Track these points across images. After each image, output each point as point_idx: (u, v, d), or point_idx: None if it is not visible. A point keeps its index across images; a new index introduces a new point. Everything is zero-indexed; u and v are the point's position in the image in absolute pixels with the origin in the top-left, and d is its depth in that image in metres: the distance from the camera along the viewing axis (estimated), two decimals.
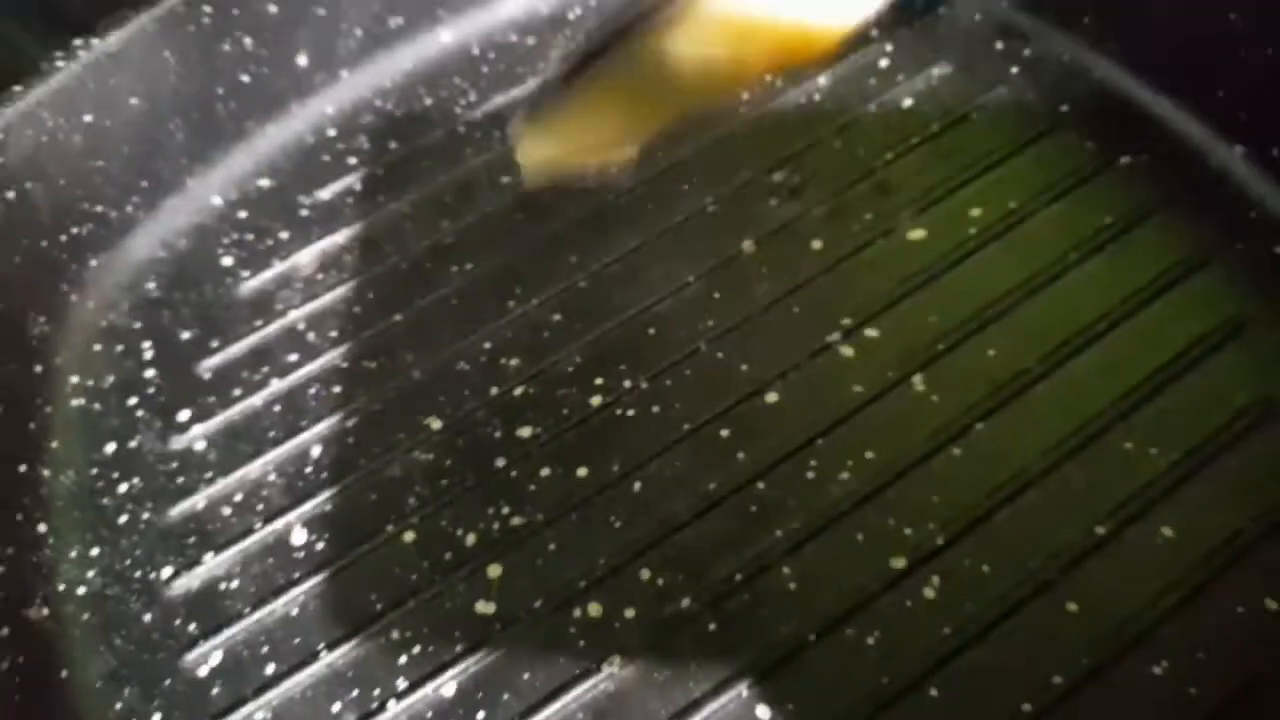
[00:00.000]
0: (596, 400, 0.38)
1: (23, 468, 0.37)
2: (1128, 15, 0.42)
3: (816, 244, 0.40)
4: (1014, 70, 0.44)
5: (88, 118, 0.40)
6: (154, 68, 0.41)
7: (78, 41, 0.40)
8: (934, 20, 0.46)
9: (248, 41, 0.43)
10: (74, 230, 0.41)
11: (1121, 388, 0.36)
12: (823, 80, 0.45)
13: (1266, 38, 0.38)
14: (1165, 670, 0.31)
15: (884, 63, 0.45)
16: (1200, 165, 0.40)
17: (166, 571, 0.36)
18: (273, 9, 0.43)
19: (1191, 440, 0.35)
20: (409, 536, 0.36)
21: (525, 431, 0.37)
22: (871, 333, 0.38)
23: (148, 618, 0.35)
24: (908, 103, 0.44)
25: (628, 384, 0.38)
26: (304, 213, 0.44)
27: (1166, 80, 0.41)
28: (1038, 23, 0.45)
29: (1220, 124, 0.40)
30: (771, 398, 0.37)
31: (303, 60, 0.45)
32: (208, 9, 0.42)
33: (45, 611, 0.35)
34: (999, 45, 0.45)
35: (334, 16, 0.45)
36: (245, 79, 0.44)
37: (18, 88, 0.39)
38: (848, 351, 0.38)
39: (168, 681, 0.34)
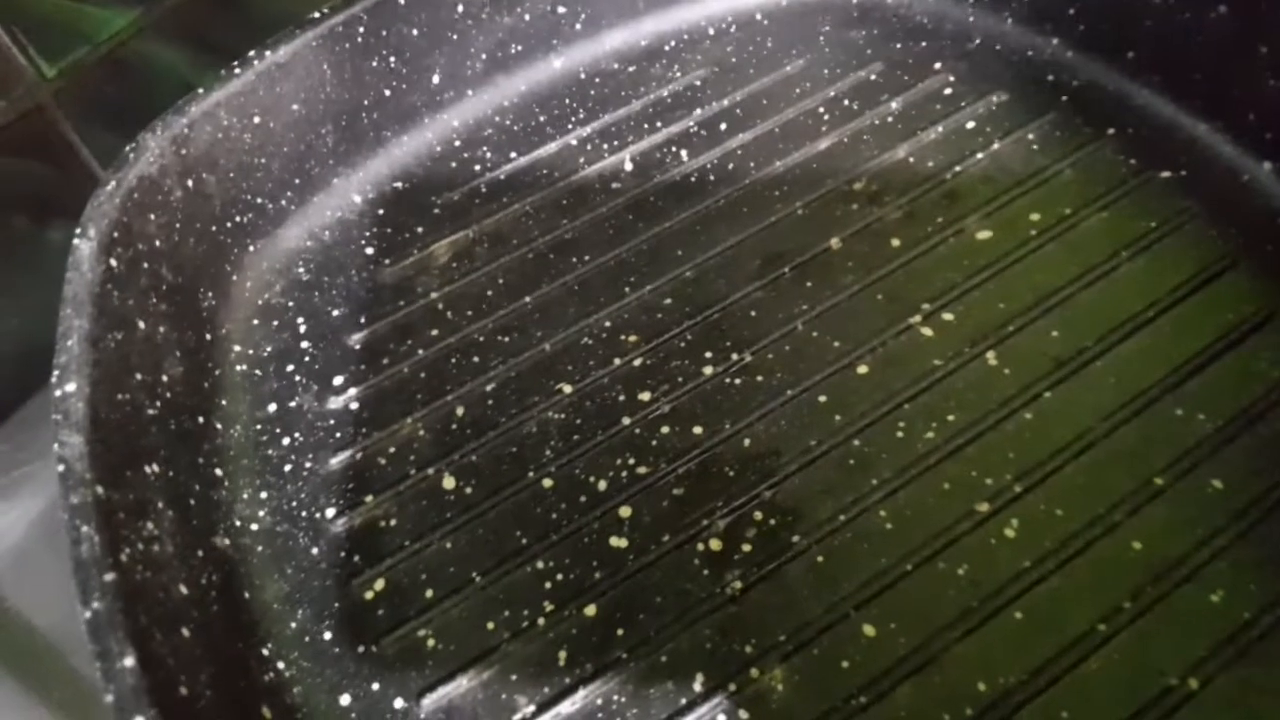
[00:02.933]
0: (708, 370, 0.41)
1: (200, 419, 0.40)
2: (1167, 50, 0.46)
3: (895, 241, 0.44)
4: (1064, 99, 0.48)
5: (256, 119, 0.44)
6: (313, 79, 0.45)
7: (252, 52, 0.43)
8: (991, 55, 0.50)
9: (392, 60, 0.47)
10: (237, 218, 0.45)
11: (1170, 364, 0.40)
12: (894, 105, 0.49)
13: None
14: (1221, 599, 0.35)
15: (948, 91, 0.49)
16: (1232, 179, 0.44)
17: (330, 512, 0.39)
18: (414, 33, 0.47)
19: (1233, 408, 0.39)
20: (547, 482, 0.39)
21: (645, 396, 0.41)
22: (947, 316, 0.42)
23: (315, 551, 0.38)
24: (970, 125, 0.48)
25: (734, 357, 0.42)
26: (436, 211, 0.47)
27: (1202, 105, 0.46)
28: (1085, 58, 0.49)
29: (1250, 143, 0.44)
30: (862, 369, 0.41)
31: (435, 79, 0.49)
32: (361, 30, 0.45)
33: (227, 541, 0.38)
34: (1050, 77, 0.49)
35: (464, 43, 0.49)
36: (387, 93, 0.48)
37: (200, 90, 0.42)
38: (927, 331, 0.41)
39: (336, 604, 0.37)
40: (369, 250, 0.46)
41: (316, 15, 0.45)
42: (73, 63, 0.49)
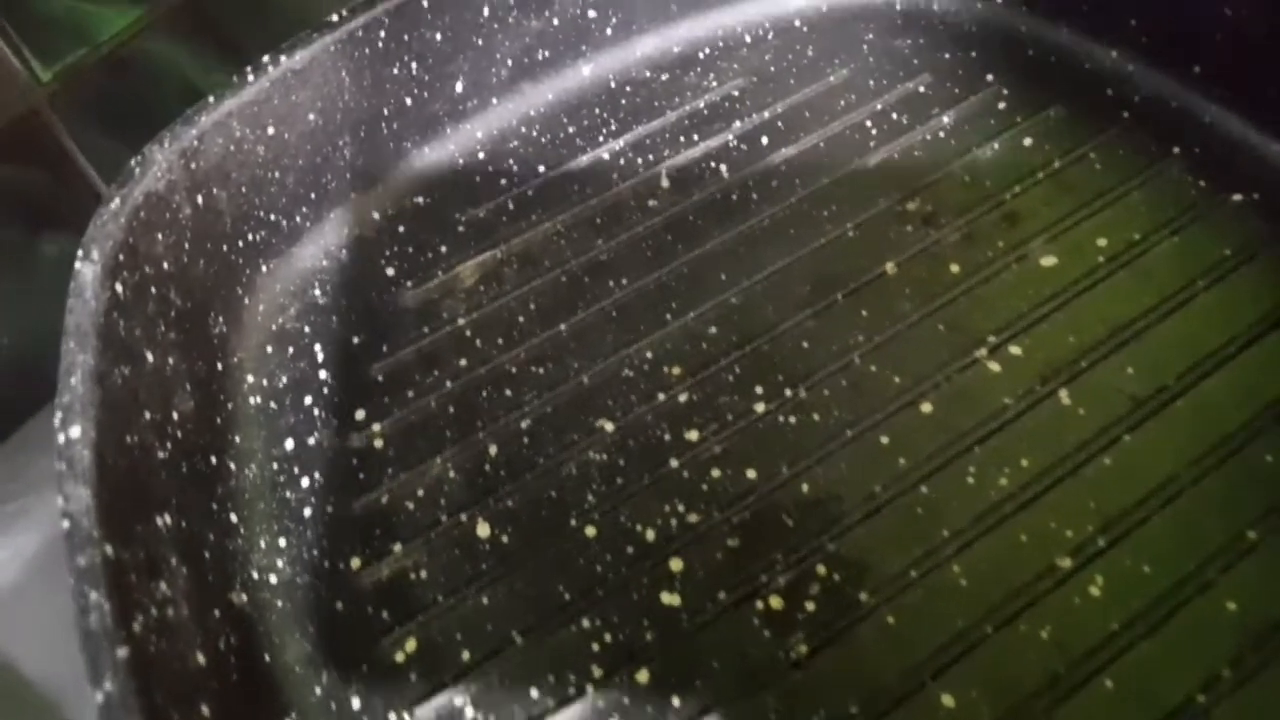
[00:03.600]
0: (760, 407, 0.38)
1: (213, 459, 0.37)
2: (1239, 65, 0.42)
3: (954, 268, 0.41)
4: (1125, 114, 0.45)
5: (270, 130, 0.40)
6: (330, 86, 0.41)
7: (266, 58, 0.39)
8: (1046, 67, 0.47)
9: (413, 66, 0.43)
10: (250, 236, 0.41)
11: (1256, 405, 0.37)
12: (946, 119, 0.45)
13: None
14: None
15: (1001, 105, 0.46)
16: None
17: (355, 562, 0.35)
18: (438, 38, 0.43)
19: None
20: (590, 531, 0.35)
21: (693, 435, 0.37)
22: (1015, 349, 0.38)
23: (339, 606, 0.35)
24: (1028, 141, 0.44)
25: (788, 393, 0.38)
26: (460, 229, 0.44)
27: (1275, 125, 0.42)
28: (1147, 71, 0.45)
29: None
30: (926, 408, 0.37)
31: (459, 86, 0.45)
32: (382, 34, 0.41)
33: (244, 597, 0.34)
34: (1109, 91, 0.46)
35: (489, 48, 0.45)
36: (408, 101, 0.44)
37: (211, 99, 0.38)
38: (994, 366, 0.38)
39: (364, 667, 0.33)
40: (389, 271, 0.42)
41: (335, 18, 0.40)
42: (70, 65, 0.44)
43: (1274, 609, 0.33)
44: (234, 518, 0.36)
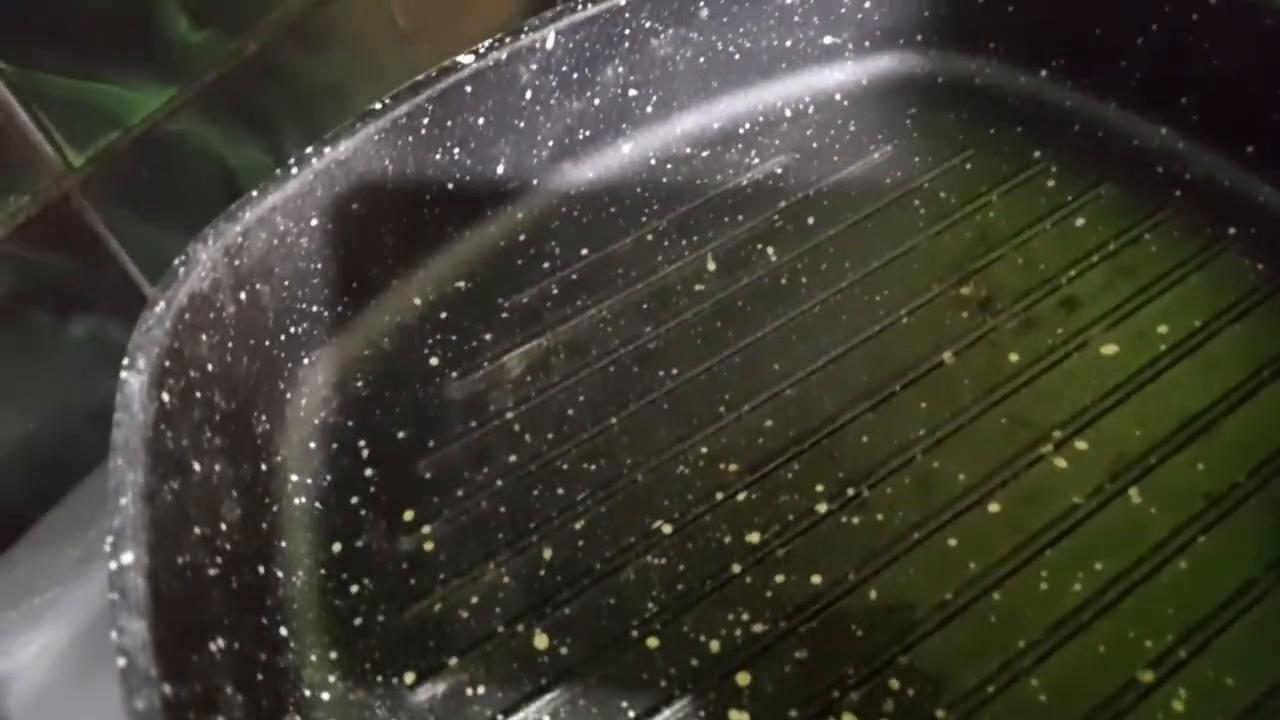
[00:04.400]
0: (822, 507, 0.36)
1: (261, 569, 0.35)
2: None
3: (1014, 356, 0.39)
4: (1177, 193, 0.43)
5: (314, 221, 0.38)
6: (374, 175, 0.40)
7: (309, 149, 0.38)
8: (1094, 143, 0.45)
9: (456, 151, 0.42)
10: (291, 330, 0.39)
11: None
12: (994, 197, 0.44)
13: None
14: None
15: (1050, 183, 0.45)
16: None
17: (409, 676, 0.34)
18: (480, 122, 0.42)
19: None
20: (653, 642, 0.34)
21: (754, 537, 0.36)
22: (1080, 444, 0.37)
23: None
24: (1080, 221, 0.43)
25: (850, 491, 0.36)
26: (504, 315, 0.42)
27: None
28: (1198, 149, 0.44)
29: None
30: (993, 507, 0.36)
31: (500, 169, 0.44)
32: (425, 120, 0.40)
33: (298, 719, 0.32)
34: (1159, 169, 0.44)
35: (531, 130, 0.44)
36: (449, 186, 0.42)
37: (254, 192, 0.37)
38: (1060, 462, 0.37)
39: None
40: (433, 360, 0.41)
41: (378, 106, 0.39)
42: (102, 149, 0.43)
43: None
44: (284, 631, 0.34)
